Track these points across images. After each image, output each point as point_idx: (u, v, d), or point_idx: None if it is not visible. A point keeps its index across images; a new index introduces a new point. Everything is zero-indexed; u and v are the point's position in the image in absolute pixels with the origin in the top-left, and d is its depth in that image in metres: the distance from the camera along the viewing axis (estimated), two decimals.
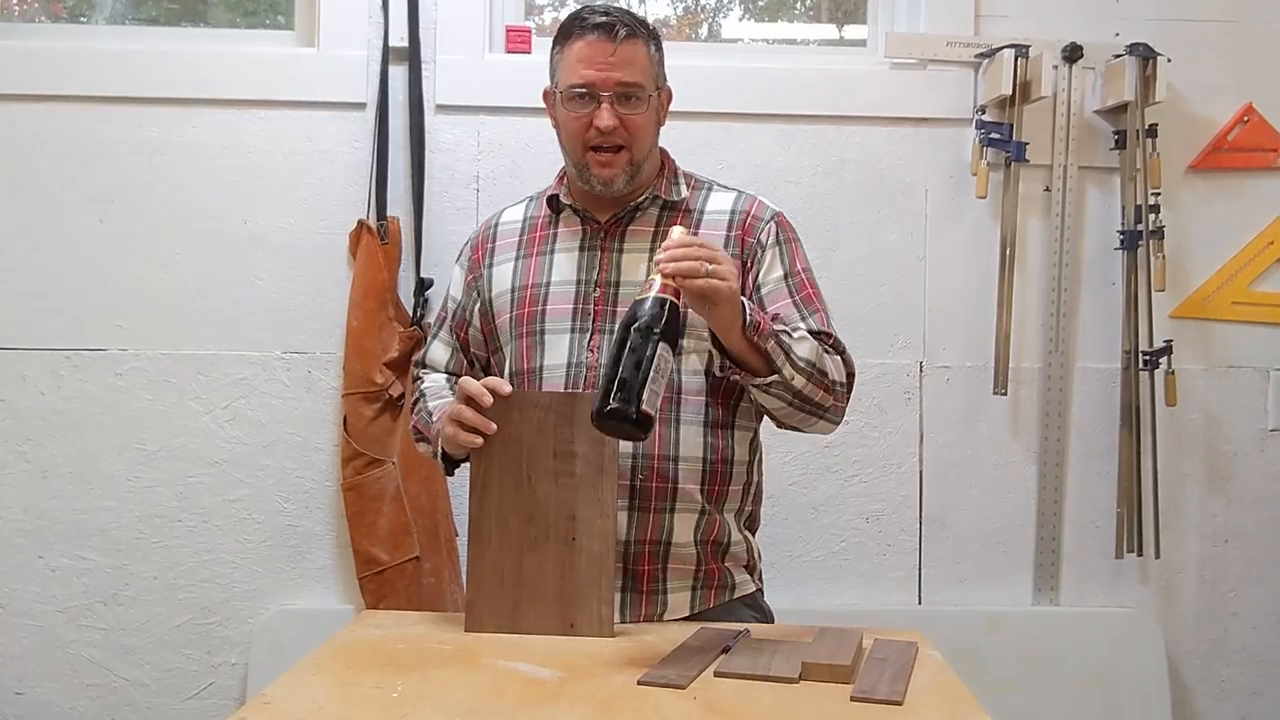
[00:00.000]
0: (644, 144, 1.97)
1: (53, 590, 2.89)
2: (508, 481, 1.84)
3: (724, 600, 2.00)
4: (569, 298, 1.98)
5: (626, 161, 1.95)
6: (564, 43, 1.97)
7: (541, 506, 1.83)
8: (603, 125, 1.91)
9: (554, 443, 1.83)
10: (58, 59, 2.88)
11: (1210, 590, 3.04)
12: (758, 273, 1.99)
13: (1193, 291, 3.02)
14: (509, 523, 1.84)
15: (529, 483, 1.84)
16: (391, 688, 1.56)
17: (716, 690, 1.56)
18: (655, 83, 1.98)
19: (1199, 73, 2.99)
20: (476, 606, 1.84)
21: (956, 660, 1.74)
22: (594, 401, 1.64)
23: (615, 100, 1.92)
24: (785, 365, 1.81)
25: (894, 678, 1.59)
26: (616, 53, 1.91)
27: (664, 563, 1.94)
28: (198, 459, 2.90)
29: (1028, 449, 3.01)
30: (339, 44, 2.90)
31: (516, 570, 1.83)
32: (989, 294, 2.96)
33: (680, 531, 1.94)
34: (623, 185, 1.97)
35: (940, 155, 2.99)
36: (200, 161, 2.90)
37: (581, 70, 1.92)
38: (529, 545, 1.82)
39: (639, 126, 1.94)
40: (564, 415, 1.83)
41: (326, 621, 2.41)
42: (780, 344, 1.81)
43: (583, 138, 1.95)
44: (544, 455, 1.83)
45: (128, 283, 2.90)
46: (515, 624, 1.81)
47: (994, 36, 2.93)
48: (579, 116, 1.94)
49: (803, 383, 1.84)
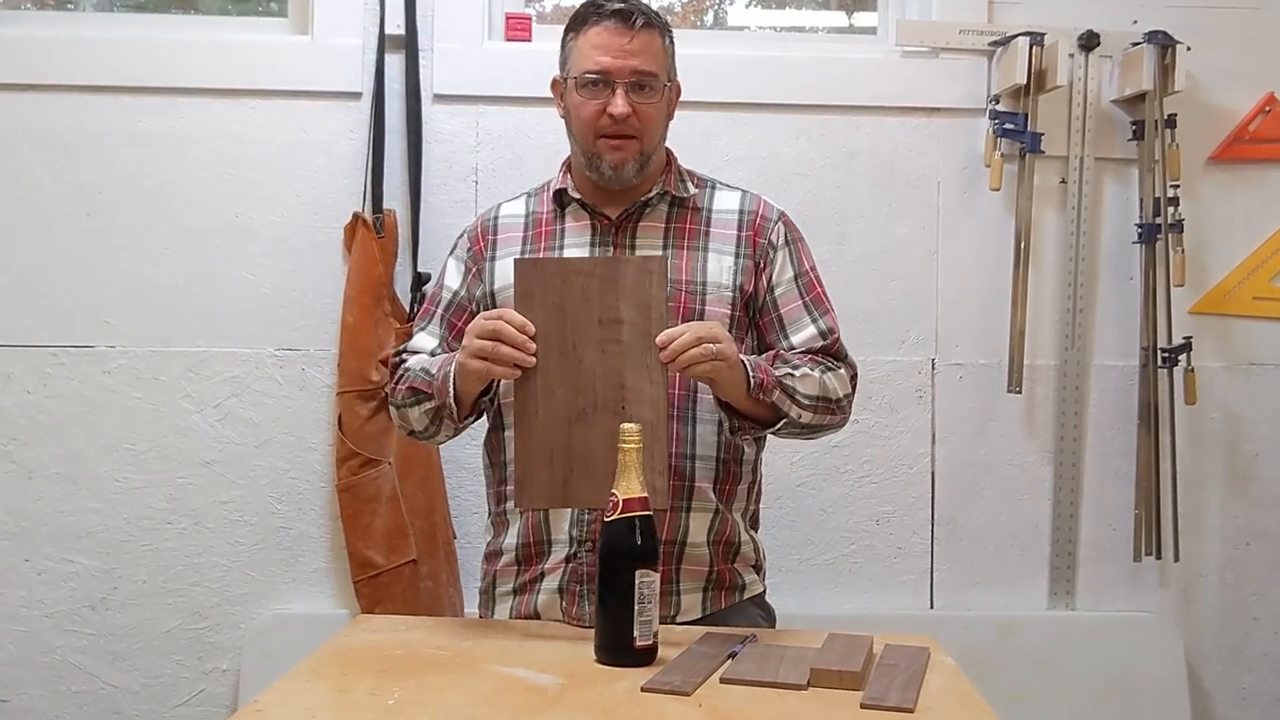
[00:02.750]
0: (654, 135, 2.00)
1: (39, 594, 2.90)
2: (552, 352, 1.83)
3: (734, 601, 2.03)
4: None
5: (637, 150, 1.98)
6: (579, 29, 1.99)
7: (589, 376, 1.81)
8: (617, 112, 1.93)
9: (599, 310, 1.82)
10: (43, 47, 2.88)
11: (1231, 594, 3.03)
12: (770, 274, 2.04)
13: (1213, 286, 3.02)
14: (555, 394, 1.82)
15: (574, 351, 1.82)
16: (387, 695, 1.56)
17: (723, 697, 1.56)
18: (668, 74, 2.01)
19: (1219, 61, 2.98)
20: (526, 481, 1.83)
21: (969, 666, 1.74)
22: (595, 638, 1.72)
23: (630, 89, 1.95)
24: (792, 408, 1.91)
25: (905, 684, 1.59)
26: (633, 40, 1.94)
27: (678, 563, 1.98)
28: (188, 459, 2.90)
29: (1043, 449, 3.01)
30: (333, 32, 2.90)
31: (565, 442, 1.82)
32: (1003, 289, 2.96)
33: (695, 531, 1.98)
34: (632, 174, 1.99)
35: (953, 146, 2.99)
36: (190, 153, 2.90)
37: (597, 57, 1.95)
38: (577, 416, 1.82)
39: (651, 117, 1.98)
40: (608, 281, 1.82)
41: (321, 626, 2.40)
42: (786, 390, 1.90)
43: (595, 125, 1.97)
44: (589, 323, 1.82)
45: (115, 277, 2.90)
46: (566, 497, 1.82)
47: (1008, 24, 2.93)
48: (592, 103, 1.96)
49: (810, 417, 1.95)
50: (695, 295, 1.98)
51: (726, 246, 2.02)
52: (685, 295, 1.97)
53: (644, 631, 1.67)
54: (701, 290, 1.98)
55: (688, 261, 2.00)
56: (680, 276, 1.98)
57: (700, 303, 1.97)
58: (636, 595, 1.66)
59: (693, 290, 1.98)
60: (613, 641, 1.69)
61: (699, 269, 2.00)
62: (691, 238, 2.02)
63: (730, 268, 2.00)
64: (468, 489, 2.89)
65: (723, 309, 1.99)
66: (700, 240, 2.02)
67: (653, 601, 1.68)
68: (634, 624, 1.66)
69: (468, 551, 2.87)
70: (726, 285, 2.00)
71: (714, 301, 1.98)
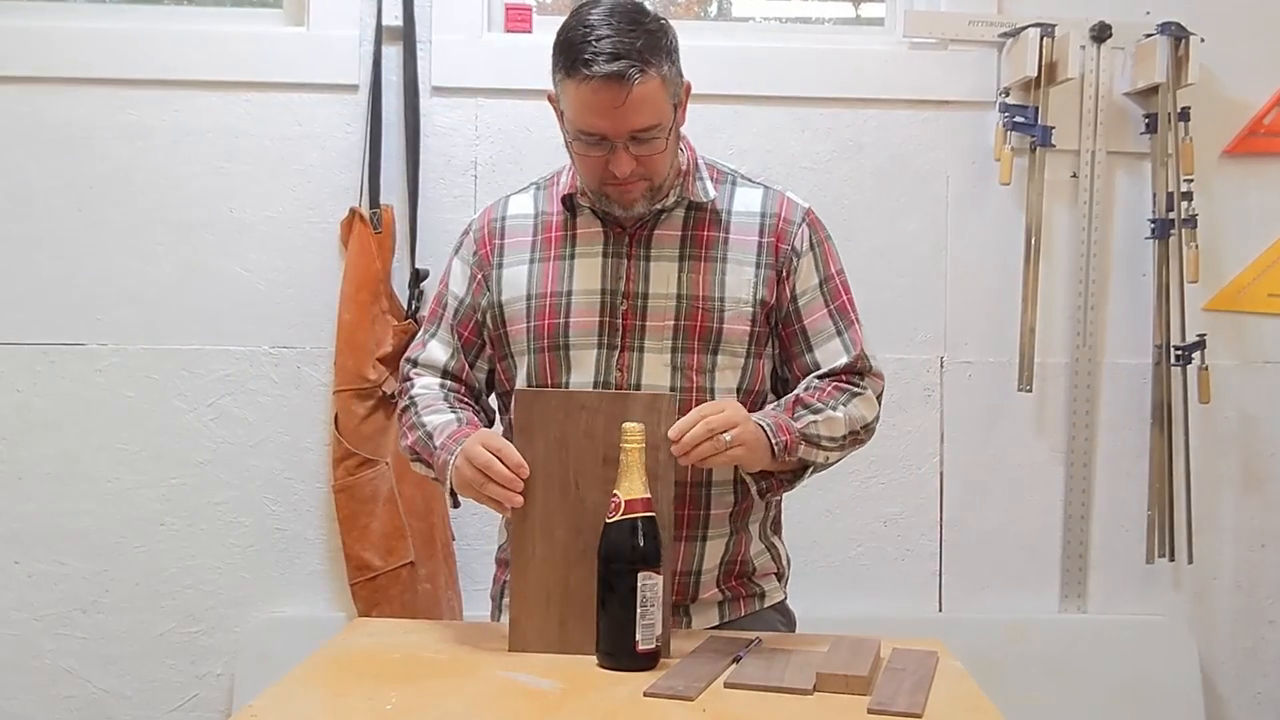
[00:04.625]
0: (664, 169, 1.90)
1: (29, 597, 2.90)
2: (553, 489, 1.79)
3: (754, 609, 2.01)
4: (594, 309, 1.93)
5: (646, 189, 1.89)
6: (567, 75, 1.82)
7: (590, 517, 1.75)
8: (620, 173, 1.84)
9: (603, 448, 1.77)
10: (34, 38, 2.88)
11: (1246, 597, 3.03)
12: (794, 283, 1.97)
13: (1227, 283, 3.02)
14: (555, 534, 1.79)
15: (576, 490, 1.79)
16: (385, 699, 1.56)
17: (727, 702, 1.56)
18: (673, 102, 1.88)
19: (1234, 53, 2.98)
20: (521, 624, 1.79)
21: (979, 671, 1.74)
22: (596, 641, 1.71)
23: (631, 142, 1.83)
24: (819, 455, 1.91)
25: (913, 689, 1.59)
26: (629, 99, 1.79)
27: (694, 593, 1.95)
28: (181, 459, 2.91)
29: (1054, 449, 3.00)
30: (330, 23, 2.89)
31: (564, 585, 1.78)
32: (1013, 286, 2.95)
33: (709, 558, 1.95)
34: (644, 209, 1.91)
35: (962, 140, 2.99)
36: (184, 146, 2.90)
37: (591, 118, 1.82)
38: (577, 559, 1.77)
39: (657, 160, 1.87)
40: (614, 418, 1.75)
41: (316, 630, 2.41)
42: (811, 441, 1.88)
43: (598, 175, 1.87)
44: (592, 461, 1.77)
45: (107, 274, 2.90)
46: (563, 644, 1.77)
47: (1018, 15, 2.93)
48: (593, 156, 1.86)
49: (838, 457, 1.96)
50: (713, 313, 1.92)
51: (747, 255, 1.95)
52: (703, 313, 1.91)
53: (646, 635, 1.67)
54: (720, 307, 1.92)
55: (705, 275, 1.93)
56: (698, 292, 1.92)
57: (718, 320, 1.92)
58: (638, 598, 1.66)
59: (710, 307, 1.92)
60: (614, 645, 1.68)
61: (717, 283, 1.93)
62: (710, 246, 1.95)
63: (750, 280, 1.94)
64: None
65: (742, 325, 1.93)
66: (719, 249, 1.95)
67: (655, 604, 1.67)
68: (636, 627, 1.66)
69: (467, 554, 2.87)
70: (746, 300, 1.93)
71: (733, 318, 1.92)
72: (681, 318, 1.91)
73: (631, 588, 1.66)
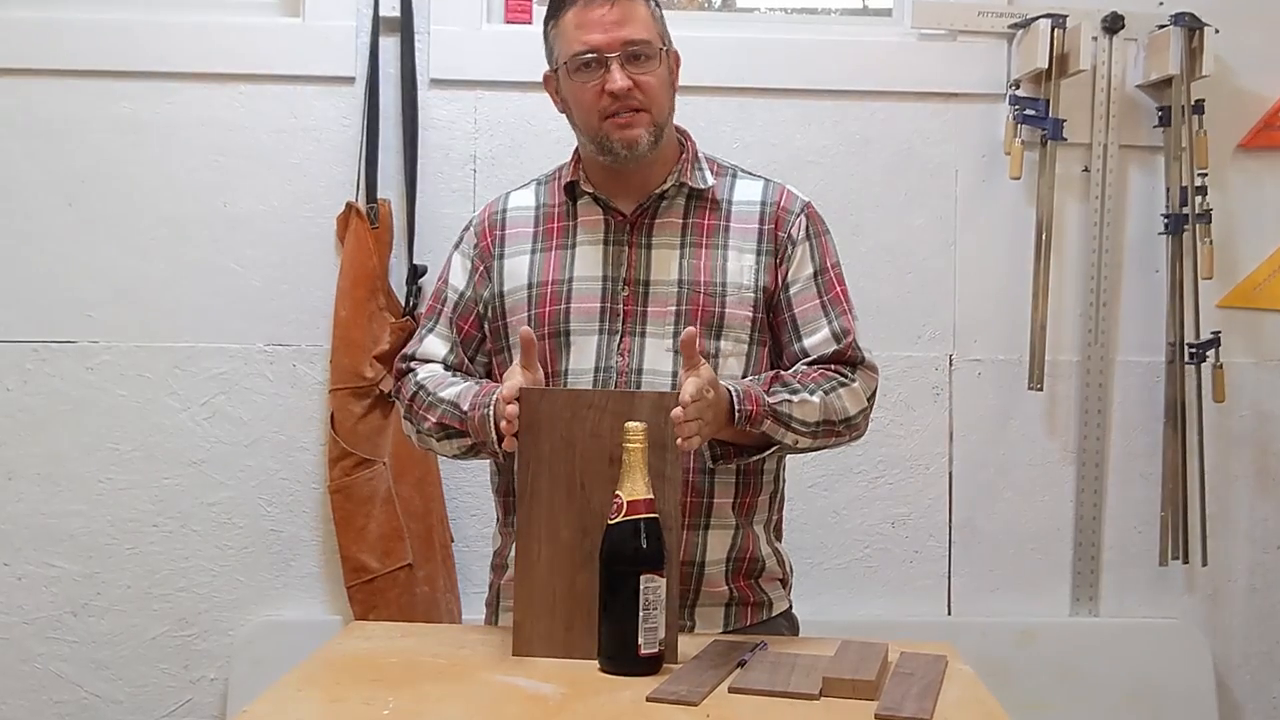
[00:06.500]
0: (662, 105, 1.96)
1: (19, 600, 2.90)
2: (559, 490, 1.79)
3: (761, 619, 2.01)
4: (595, 295, 1.96)
5: (648, 122, 1.93)
6: (557, 16, 1.96)
7: (597, 518, 1.73)
8: (616, 87, 1.89)
9: (610, 447, 1.76)
10: (24, 29, 2.88)
11: (1261, 600, 3.03)
12: (787, 270, 2.00)
13: (1242, 279, 3.01)
14: (560, 536, 1.78)
15: (582, 491, 1.78)
16: (382, 704, 1.56)
17: (731, 707, 1.56)
18: (662, 39, 1.97)
19: (1249, 44, 2.98)
20: (525, 628, 1.79)
21: (988, 675, 1.74)
22: (598, 645, 1.71)
23: (625, 60, 1.91)
24: (786, 436, 1.89)
25: (921, 694, 1.59)
26: (614, 10, 1.90)
27: (697, 585, 1.95)
28: (174, 459, 2.90)
29: (1065, 448, 3.00)
30: (326, 13, 2.89)
31: (569, 588, 1.77)
32: (1023, 282, 2.95)
33: (713, 550, 1.95)
34: (647, 148, 1.93)
35: (971, 133, 2.98)
36: (177, 140, 2.90)
37: (583, 36, 1.91)
38: (583, 560, 1.76)
39: (653, 86, 1.93)
40: (620, 416, 1.75)
41: (312, 633, 2.41)
42: (779, 419, 1.87)
43: (597, 106, 1.92)
44: (599, 460, 1.77)
45: (99, 270, 2.90)
46: (568, 648, 1.76)
47: (1029, 5, 2.93)
48: (589, 85, 1.92)
49: (808, 443, 1.93)
50: (715, 298, 1.94)
51: (747, 243, 1.99)
52: (705, 298, 1.94)
53: (649, 639, 1.67)
54: (721, 292, 1.95)
55: (707, 261, 1.96)
56: (699, 277, 1.95)
57: (720, 305, 1.94)
58: (641, 601, 1.65)
59: (712, 292, 1.95)
60: (616, 649, 1.68)
61: (719, 269, 1.96)
62: (710, 234, 1.99)
63: (751, 266, 1.97)
64: (466, 491, 2.89)
65: (744, 311, 1.96)
66: (720, 236, 1.99)
67: (658, 607, 1.67)
68: (639, 631, 1.66)
69: (466, 556, 2.87)
70: (748, 286, 1.96)
71: (735, 304, 1.95)
72: (683, 303, 1.94)
73: (634, 590, 1.65)
